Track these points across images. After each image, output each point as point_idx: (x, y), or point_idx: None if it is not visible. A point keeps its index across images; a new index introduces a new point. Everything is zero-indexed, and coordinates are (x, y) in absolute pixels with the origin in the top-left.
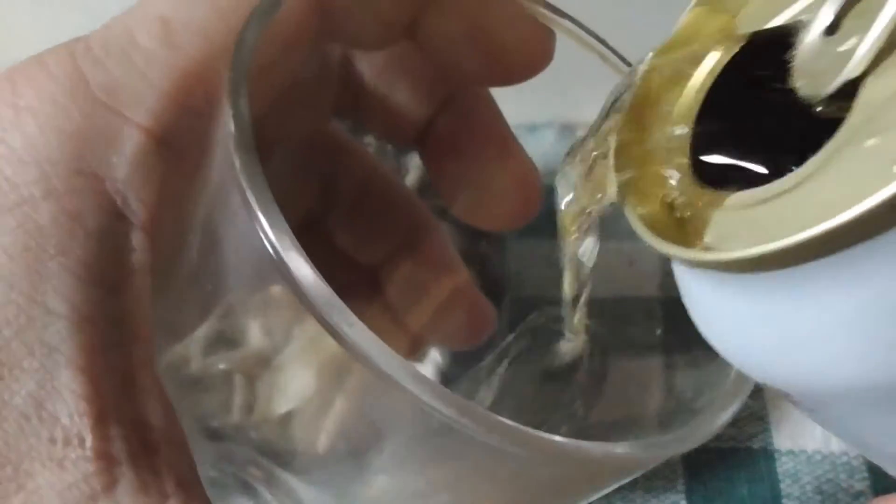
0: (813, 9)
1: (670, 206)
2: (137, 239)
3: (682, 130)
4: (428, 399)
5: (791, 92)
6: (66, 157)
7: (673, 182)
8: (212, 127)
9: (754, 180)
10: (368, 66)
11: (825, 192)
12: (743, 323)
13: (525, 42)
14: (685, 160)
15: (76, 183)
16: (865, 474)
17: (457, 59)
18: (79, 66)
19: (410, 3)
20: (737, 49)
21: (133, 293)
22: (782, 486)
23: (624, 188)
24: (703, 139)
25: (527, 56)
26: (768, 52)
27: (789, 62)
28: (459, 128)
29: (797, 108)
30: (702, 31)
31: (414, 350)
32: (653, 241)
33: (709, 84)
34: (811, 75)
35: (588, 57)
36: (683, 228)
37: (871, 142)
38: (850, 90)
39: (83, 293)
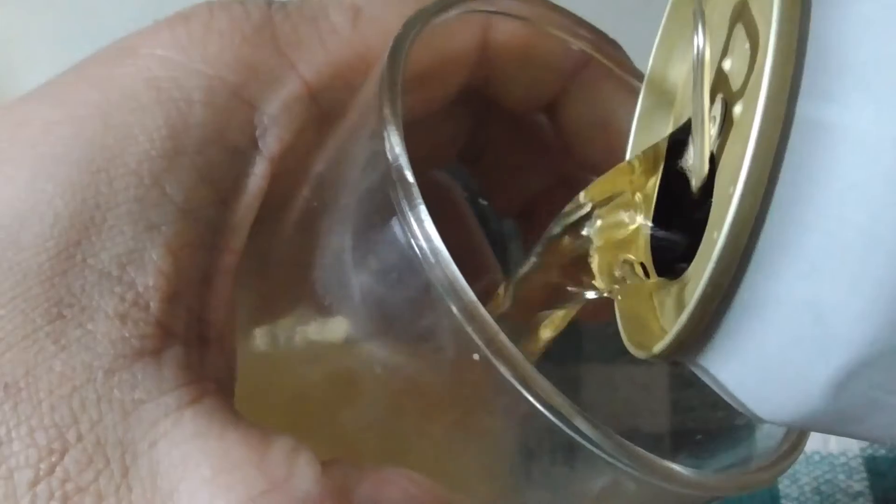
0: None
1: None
2: (260, 167)
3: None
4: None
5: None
6: (234, 80)
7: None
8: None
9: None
10: (501, 126)
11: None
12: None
13: None
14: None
15: (232, 103)
16: (864, 475)
17: (584, 146)
18: (271, 13)
19: (557, 79)
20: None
21: (240, 210)
22: (780, 486)
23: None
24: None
25: None
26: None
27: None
28: None
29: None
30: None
31: None
32: (623, 333)
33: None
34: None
35: None
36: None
37: (713, 235)
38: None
39: (200, 192)
